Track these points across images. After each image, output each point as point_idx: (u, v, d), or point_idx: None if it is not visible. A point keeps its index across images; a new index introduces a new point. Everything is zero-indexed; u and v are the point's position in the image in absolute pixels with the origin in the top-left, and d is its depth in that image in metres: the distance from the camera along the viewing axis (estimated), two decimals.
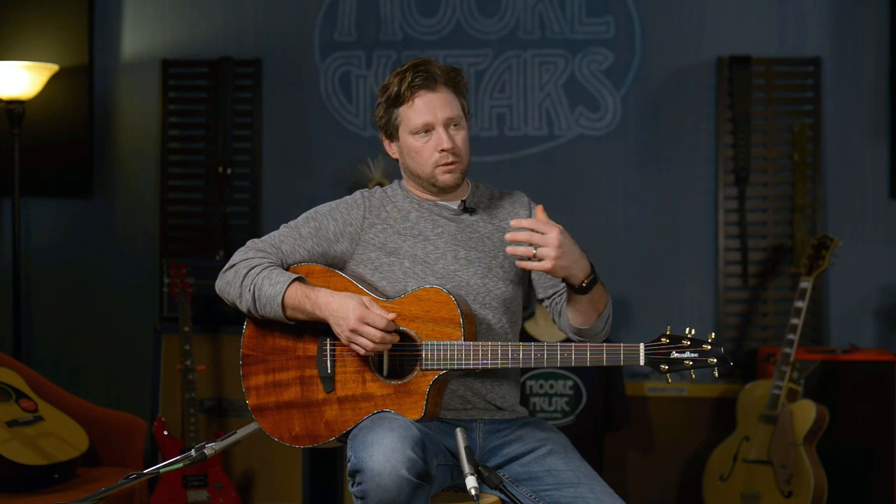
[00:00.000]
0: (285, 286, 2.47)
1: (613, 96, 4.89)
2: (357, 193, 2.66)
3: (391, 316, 2.41)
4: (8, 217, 4.90)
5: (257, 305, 2.50)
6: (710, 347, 2.35)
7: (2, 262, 4.91)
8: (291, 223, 2.63)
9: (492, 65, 4.92)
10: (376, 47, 4.94)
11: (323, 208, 2.64)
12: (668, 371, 2.36)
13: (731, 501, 4.25)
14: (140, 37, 4.99)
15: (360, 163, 4.70)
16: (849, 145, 4.83)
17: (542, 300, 2.67)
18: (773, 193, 4.83)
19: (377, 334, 2.40)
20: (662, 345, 2.37)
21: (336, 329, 2.44)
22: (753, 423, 4.24)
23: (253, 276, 2.51)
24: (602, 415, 4.43)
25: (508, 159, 4.88)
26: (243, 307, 2.54)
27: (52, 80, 4.67)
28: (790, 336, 4.20)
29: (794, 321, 4.21)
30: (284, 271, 2.52)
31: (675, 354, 2.36)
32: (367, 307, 2.41)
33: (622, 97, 4.88)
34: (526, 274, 2.66)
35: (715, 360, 2.35)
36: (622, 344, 2.38)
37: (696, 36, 4.87)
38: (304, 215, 2.64)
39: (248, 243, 2.62)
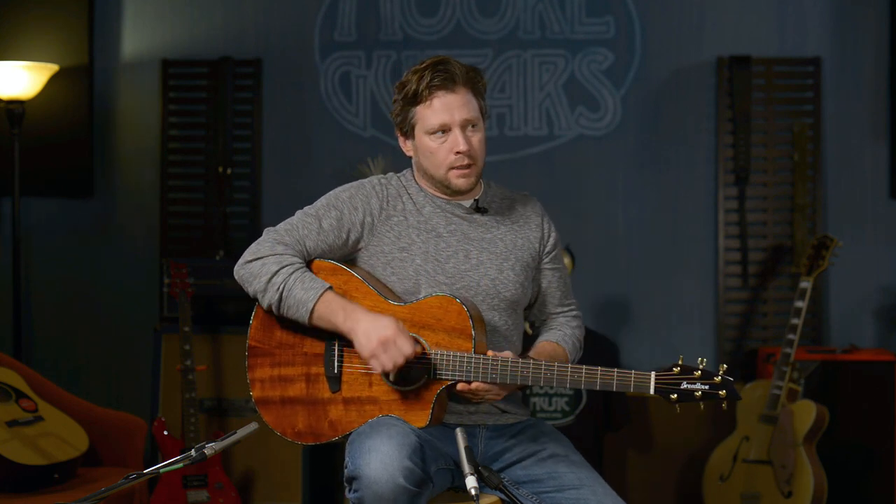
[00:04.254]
0: (318, 295, 2.45)
1: (613, 96, 4.89)
2: (374, 179, 2.62)
3: (419, 349, 2.42)
4: (8, 217, 4.90)
5: (282, 305, 2.48)
6: (720, 380, 2.35)
7: (2, 262, 4.91)
8: (311, 211, 2.57)
9: (492, 65, 4.92)
10: (376, 47, 4.94)
11: (343, 195, 2.59)
12: (678, 401, 2.36)
13: (731, 501, 4.25)
14: (140, 37, 4.99)
15: (360, 163, 4.70)
16: (849, 145, 4.84)
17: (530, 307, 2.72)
18: (773, 193, 4.83)
19: (401, 358, 2.40)
20: (673, 375, 2.36)
21: (363, 339, 2.41)
22: (753, 423, 4.24)
23: (284, 275, 2.47)
24: (602, 415, 4.43)
25: (508, 159, 4.88)
26: (263, 302, 2.50)
27: (52, 80, 4.66)
28: (790, 336, 4.20)
29: (794, 321, 4.21)
30: (315, 276, 2.49)
31: (685, 385, 2.36)
32: (403, 328, 2.41)
33: (622, 97, 4.89)
34: (531, 275, 2.66)
35: (724, 393, 2.35)
36: (633, 371, 2.38)
37: (696, 36, 4.87)
38: (323, 202, 2.58)
39: (271, 234, 2.54)
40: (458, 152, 2.52)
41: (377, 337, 2.39)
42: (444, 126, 2.52)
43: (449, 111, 2.52)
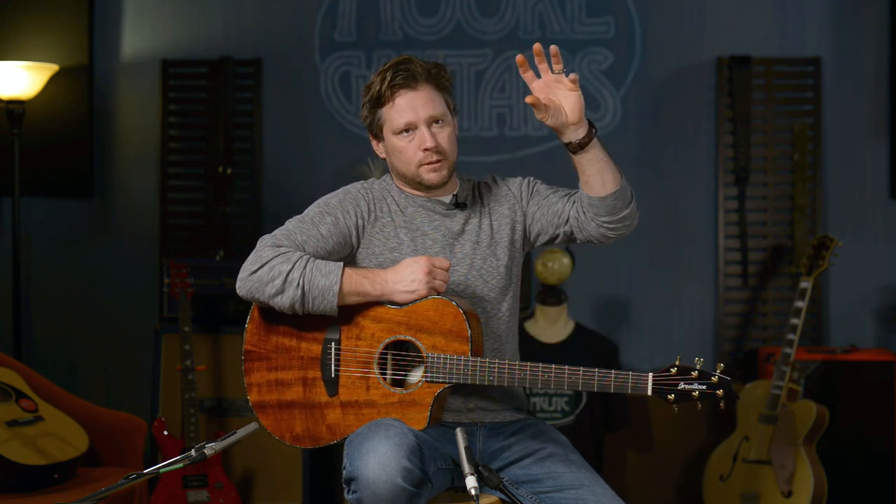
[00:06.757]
0: (339, 276, 2.42)
1: (613, 96, 4.89)
2: (358, 184, 2.64)
3: (448, 263, 2.47)
4: (8, 217, 4.90)
5: (306, 299, 2.43)
6: (717, 380, 2.34)
7: (2, 262, 4.91)
8: (306, 218, 2.55)
9: (492, 65, 4.92)
10: (376, 47, 4.94)
11: (332, 200, 2.59)
12: (675, 402, 2.35)
13: (731, 501, 4.25)
14: (140, 37, 4.99)
15: (360, 163, 4.70)
16: (849, 145, 4.84)
17: (557, 236, 2.62)
18: (773, 193, 4.83)
19: (447, 274, 2.46)
20: (671, 375, 2.35)
21: (405, 290, 2.43)
22: (753, 423, 4.24)
23: (299, 269, 2.42)
24: (602, 415, 4.43)
25: (508, 159, 4.88)
26: (284, 302, 2.44)
27: (52, 80, 4.67)
28: (790, 336, 4.20)
29: (794, 321, 4.21)
30: (326, 261, 2.46)
31: (682, 386, 2.35)
32: (420, 256, 2.47)
33: (622, 97, 4.89)
34: (521, 254, 2.66)
35: (722, 393, 2.34)
36: (630, 372, 2.37)
37: (696, 36, 4.87)
38: (316, 209, 2.57)
39: (268, 240, 2.50)
40: (425, 149, 2.53)
41: (418, 277, 2.42)
42: (409, 125, 2.54)
43: (413, 109, 2.53)
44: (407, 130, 2.55)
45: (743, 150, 4.78)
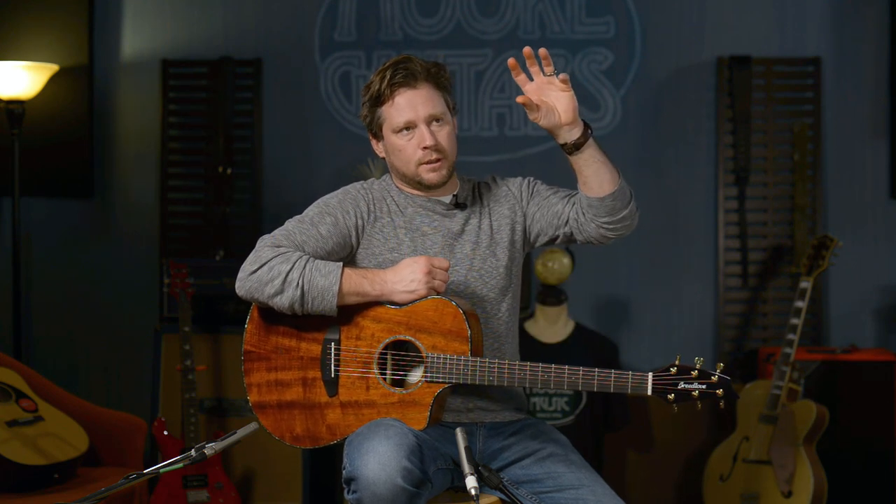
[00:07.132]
0: (339, 276, 2.42)
1: (613, 96, 4.89)
2: (358, 185, 2.64)
3: (447, 263, 2.47)
4: (8, 217, 4.90)
5: (305, 299, 2.43)
6: (717, 379, 2.34)
7: (2, 262, 4.91)
8: (305, 219, 2.55)
9: (492, 65, 4.92)
10: (376, 47, 4.94)
11: (332, 200, 2.59)
12: (675, 401, 2.35)
13: (731, 501, 4.25)
14: (140, 37, 4.99)
15: (360, 163, 4.70)
16: (849, 145, 4.84)
17: (557, 237, 2.62)
18: (773, 193, 4.83)
19: (447, 273, 2.46)
20: (671, 375, 2.35)
21: (405, 290, 2.43)
22: (753, 423, 4.24)
23: (299, 269, 2.42)
24: (602, 415, 4.43)
25: (508, 159, 4.88)
26: (283, 303, 2.44)
27: (52, 80, 4.67)
28: (790, 336, 4.20)
29: (794, 321, 4.21)
30: (326, 261, 2.46)
31: (682, 385, 2.35)
32: (419, 256, 2.46)
33: (622, 97, 4.88)
34: (521, 255, 2.66)
35: (722, 392, 2.34)
36: (631, 372, 2.36)
37: (696, 36, 4.87)
38: (315, 209, 2.57)
39: (267, 240, 2.50)
40: (425, 147, 2.53)
41: (417, 277, 2.42)
42: (409, 123, 2.54)
43: (412, 108, 2.53)
44: (406, 129, 2.55)
45: (743, 150, 4.78)
